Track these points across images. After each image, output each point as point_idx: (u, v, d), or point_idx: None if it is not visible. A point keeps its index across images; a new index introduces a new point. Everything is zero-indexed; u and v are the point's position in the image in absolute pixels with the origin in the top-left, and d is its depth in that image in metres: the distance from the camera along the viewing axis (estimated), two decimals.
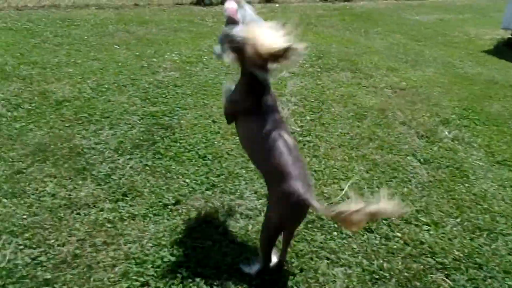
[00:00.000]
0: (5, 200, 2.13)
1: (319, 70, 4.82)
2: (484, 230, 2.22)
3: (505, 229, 2.24)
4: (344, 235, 2.08)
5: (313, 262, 1.90)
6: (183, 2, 8.41)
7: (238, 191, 2.34)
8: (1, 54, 4.26)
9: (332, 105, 3.79)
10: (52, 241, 1.90)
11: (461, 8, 10.81)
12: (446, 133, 3.40)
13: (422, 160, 2.91)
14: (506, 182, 2.70)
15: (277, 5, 9.12)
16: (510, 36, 6.96)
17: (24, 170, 2.39)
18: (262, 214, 2.18)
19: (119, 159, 2.57)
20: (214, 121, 3.20)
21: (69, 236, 1.93)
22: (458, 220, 2.29)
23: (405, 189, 2.54)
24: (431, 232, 2.17)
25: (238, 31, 1.52)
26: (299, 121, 3.34)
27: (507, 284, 1.87)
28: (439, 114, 3.75)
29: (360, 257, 1.95)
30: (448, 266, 1.95)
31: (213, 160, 2.65)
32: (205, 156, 2.67)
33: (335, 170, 2.67)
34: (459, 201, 2.47)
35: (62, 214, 2.07)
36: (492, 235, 2.19)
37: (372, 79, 4.66)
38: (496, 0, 11.30)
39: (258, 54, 1.42)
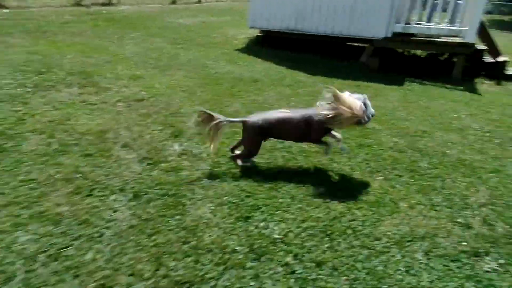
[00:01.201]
0: None
1: (30, 90, 3.65)
2: None
3: (209, 272, 1.74)
4: None
5: None
6: None
7: None
8: None
9: (28, 138, 2.74)
10: None
11: (223, 11, 11.48)
12: (177, 147, 2.88)
13: (130, 196, 2.22)
14: (225, 198, 2.30)
15: (5, 10, 7.17)
16: (258, 34, 7.47)
17: None
18: None
19: None
20: None
21: None
22: None
23: (88, 257, 1.75)
24: None
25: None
26: None
27: None
28: (174, 125, 3.24)
29: None
30: None
31: None
32: None
33: None
34: (159, 251, 1.82)
35: None
36: None
37: (105, 94, 3.84)
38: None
39: None
